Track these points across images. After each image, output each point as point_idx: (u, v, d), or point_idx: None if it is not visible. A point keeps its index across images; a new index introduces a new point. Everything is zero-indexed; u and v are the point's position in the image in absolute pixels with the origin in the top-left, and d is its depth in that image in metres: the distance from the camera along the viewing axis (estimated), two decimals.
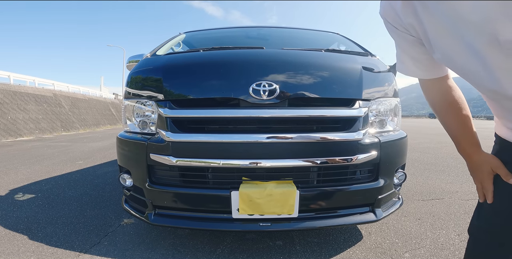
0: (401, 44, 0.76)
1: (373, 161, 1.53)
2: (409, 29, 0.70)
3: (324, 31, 3.07)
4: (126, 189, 1.75)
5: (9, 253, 1.71)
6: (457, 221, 2.18)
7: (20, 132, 9.96)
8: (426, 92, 0.85)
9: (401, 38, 0.74)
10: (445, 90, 0.81)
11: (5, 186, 3.25)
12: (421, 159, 4.99)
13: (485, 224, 0.81)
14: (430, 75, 0.79)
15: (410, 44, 0.74)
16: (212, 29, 3.09)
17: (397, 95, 1.76)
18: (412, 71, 0.80)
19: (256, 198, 1.42)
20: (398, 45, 0.77)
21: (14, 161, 4.89)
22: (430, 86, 0.82)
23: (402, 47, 0.76)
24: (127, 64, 2.37)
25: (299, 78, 1.54)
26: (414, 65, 0.78)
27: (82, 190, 3.06)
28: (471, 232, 0.87)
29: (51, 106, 13.26)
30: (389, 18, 0.72)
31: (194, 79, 1.58)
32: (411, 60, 0.77)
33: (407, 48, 0.75)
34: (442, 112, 0.84)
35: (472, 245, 0.86)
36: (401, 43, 0.76)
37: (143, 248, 1.76)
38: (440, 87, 0.81)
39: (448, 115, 0.83)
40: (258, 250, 1.74)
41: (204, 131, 1.54)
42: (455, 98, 0.81)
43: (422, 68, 0.78)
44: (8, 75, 12.79)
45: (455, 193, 2.94)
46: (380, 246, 1.79)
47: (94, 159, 5.15)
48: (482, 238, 0.83)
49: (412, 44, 0.73)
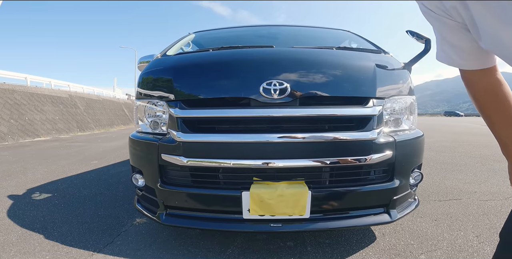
0: (441, 30, 0.68)
1: (388, 161, 1.49)
2: (451, 12, 0.62)
3: (334, 29, 3.02)
4: (138, 189, 1.76)
5: (25, 252, 1.75)
6: (476, 222, 2.11)
7: (38, 132, 10.25)
8: (470, 85, 0.75)
9: (441, 23, 0.66)
10: (492, 84, 0.72)
11: (23, 185, 3.34)
12: (437, 158, 4.86)
13: None
14: (475, 65, 0.70)
15: (451, 30, 0.66)
16: (221, 29, 3.09)
17: (413, 93, 1.71)
18: (454, 60, 0.71)
19: (267, 198, 1.40)
20: (438, 31, 0.69)
21: (32, 161, 5.03)
22: (475, 78, 0.73)
23: (442, 34, 0.69)
24: (138, 65, 2.39)
25: (311, 77, 1.52)
26: (456, 53, 0.70)
27: (96, 190, 3.12)
28: (504, 236, 0.81)
29: (67, 107, 13.59)
30: (426, 1, 0.65)
31: (204, 79, 1.58)
32: (452, 48, 0.69)
33: (448, 35, 0.67)
34: (488, 110, 0.75)
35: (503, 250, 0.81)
36: (441, 29, 0.68)
37: (155, 248, 1.77)
38: (487, 80, 0.72)
39: (495, 113, 0.74)
40: (268, 250, 1.73)
41: (215, 131, 1.53)
42: (504, 93, 0.72)
43: (466, 58, 0.69)
44: (25, 77, 13.17)
45: (473, 193, 2.84)
46: (394, 248, 1.74)
47: (108, 159, 5.24)
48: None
49: (455, 30, 0.65)
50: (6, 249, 1.78)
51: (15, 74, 12.96)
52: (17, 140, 8.95)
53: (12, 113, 9.76)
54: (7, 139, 8.62)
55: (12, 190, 3.14)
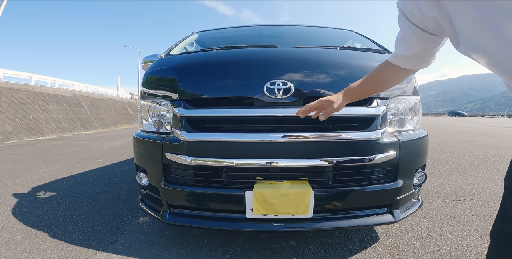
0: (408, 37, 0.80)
1: (392, 161, 1.49)
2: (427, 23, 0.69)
3: (338, 29, 3.01)
4: (142, 188, 1.77)
5: (30, 250, 1.76)
6: (479, 223, 2.10)
7: (42, 131, 10.32)
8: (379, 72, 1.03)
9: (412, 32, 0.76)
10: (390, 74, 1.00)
11: (28, 184, 3.37)
12: (441, 159, 4.84)
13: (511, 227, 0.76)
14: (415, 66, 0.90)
15: (419, 39, 0.77)
16: (225, 28, 3.09)
17: (417, 93, 1.70)
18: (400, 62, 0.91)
19: (270, 198, 1.40)
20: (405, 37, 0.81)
21: (37, 160, 5.07)
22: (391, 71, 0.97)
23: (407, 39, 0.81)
24: (142, 64, 2.40)
25: (314, 76, 1.52)
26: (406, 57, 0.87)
27: (100, 188, 3.14)
28: (494, 236, 0.81)
29: (71, 106, 13.67)
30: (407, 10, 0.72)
31: (208, 78, 1.58)
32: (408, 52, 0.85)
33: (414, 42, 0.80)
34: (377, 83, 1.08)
35: (495, 250, 0.81)
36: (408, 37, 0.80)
37: (158, 247, 1.78)
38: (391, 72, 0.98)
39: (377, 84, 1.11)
40: (271, 250, 1.73)
41: (219, 131, 1.54)
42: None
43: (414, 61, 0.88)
44: (30, 76, 13.25)
45: (477, 194, 2.83)
46: (397, 248, 1.74)
47: (112, 157, 5.27)
48: (506, 242, 0.77)
49: (422, 39, 0.76)
50: (11, 247, 1.80)
51: (20, 73, 13.05)
52: (22, 139, 9.02)
53: (17, 112, 9.84)
54: (12, 137, 8.69)
55: (17, 188, 3.17)
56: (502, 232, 0.76)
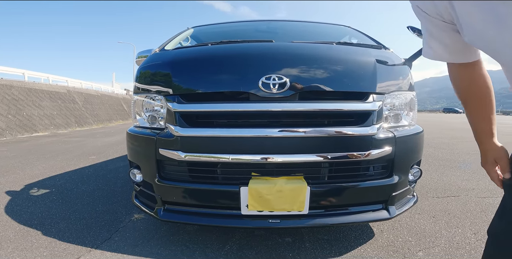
0: (431, 29, 0.73)
1: (387, 156, 1.48)
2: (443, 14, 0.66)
3: (335, 24, 2.99)
4: (136, 184, 1.75)
5: (23, 248, 1.74)
6: (474, 220, 2.11)
7: (36, 128, 10.20)
8: (454, 77, 0.82)
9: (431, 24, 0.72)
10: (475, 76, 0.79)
11: (21, 181, 3.33)
12: (436, 155, 4.87)
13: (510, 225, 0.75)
14: (459, 59, 0.77)
15: (440, 30, 0.71)
16: (221, 23, 3.05)
17: (413, 89, 1.69)
18: (440, 55, 0.77)
19: (265, 194, 1.39)
20: (427, 29, 0.75)
21: (30, 157, 5.00)
22: (459, 71, 0.80)
23: (431, 32, 0.74)
24: (136, 60, 2.36)
25: (310, 71, 1.50)
26: (442, 49, 0.76)
27: (94, 185, 3.11)
28: (492, 233, 0.81)
29: (65, 102, 13.51)
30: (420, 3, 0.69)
31: (202, 73, 1.56)
32: (440, 45, 0.75)
33: (437, 33, 0.73)
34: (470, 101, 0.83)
35: (492, 247, 0.81)
36: (430, 28, 0.73)
37: (153, 244, 1.77)
38: (470, 73, 0.79)
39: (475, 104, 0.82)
40: (267, 246, 1.72)
41: (213, 126, 1.52)
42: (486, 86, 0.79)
43: (451, 52, 0.75)
44: (22, 72, 13.06)
45: (472, 190, 2.85)
46: (392, 244, 1.74)
47: (106, 154, 5.22)
48: (505, 239, 0.77)
49: (443, 29, 0.71)
50: (3, 245, 1.77)
51: (12, 70, 12.86)
52: (15, 136, 8.90)
53: (10, 109, 9.70)
54: (5, 134, 8.58)
55: (10, 185, 3.12)
56: (501, 230, 0.76)
